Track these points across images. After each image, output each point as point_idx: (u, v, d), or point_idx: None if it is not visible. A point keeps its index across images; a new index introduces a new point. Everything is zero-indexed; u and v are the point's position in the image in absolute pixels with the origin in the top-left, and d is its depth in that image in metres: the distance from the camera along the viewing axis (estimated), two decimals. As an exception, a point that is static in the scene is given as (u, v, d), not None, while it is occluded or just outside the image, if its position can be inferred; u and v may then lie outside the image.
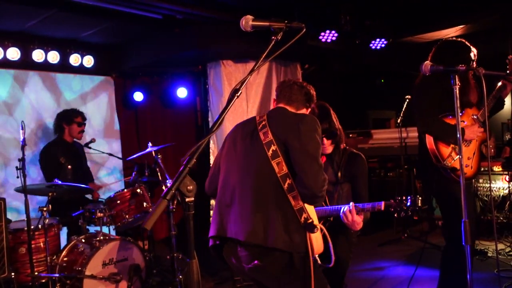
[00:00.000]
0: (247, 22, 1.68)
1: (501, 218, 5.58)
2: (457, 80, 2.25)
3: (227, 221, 2.23)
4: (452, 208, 3.10)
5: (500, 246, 5.14)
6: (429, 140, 3.07)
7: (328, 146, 2.89)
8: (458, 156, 3.01)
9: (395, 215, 2.46)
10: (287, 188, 2.16)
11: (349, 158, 2.93)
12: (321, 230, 2.26)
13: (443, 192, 3.15)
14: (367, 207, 2.57)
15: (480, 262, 4.75)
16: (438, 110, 3.04)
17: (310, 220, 2.15)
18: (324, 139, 2.84)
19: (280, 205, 2.16)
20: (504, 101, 3.27)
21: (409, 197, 2.47)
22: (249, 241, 2.12)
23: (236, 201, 2.23)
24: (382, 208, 2.50)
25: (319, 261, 2.39)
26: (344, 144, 2.99)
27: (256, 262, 2.15)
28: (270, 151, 2.20)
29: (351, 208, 2.52)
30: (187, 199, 1.35)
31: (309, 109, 2.57)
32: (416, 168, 4.21)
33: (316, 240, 2.23)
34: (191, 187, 1.35)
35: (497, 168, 5.74)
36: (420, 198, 2.42)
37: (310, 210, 2.23)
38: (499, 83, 3.16)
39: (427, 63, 2.39)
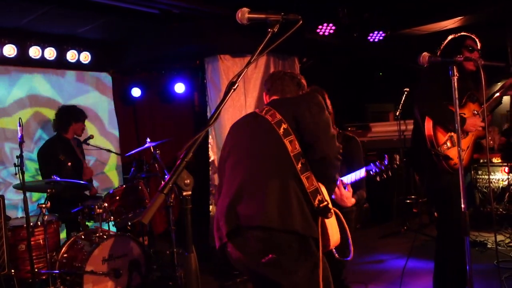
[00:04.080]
0: (243, 14, 1.67)
1: (501, 210, 5.58)
2: (455, 70, 2.25)
3: (236, 213, 2.05)
4: (443, 199, 3.13)
5: (500, 237, 5.15)
6: (428, 124, 3.07)
7: None
8: (453, 145, 3.02)
9: (377, 178, 2.39)
10: (300, 169, 2.04)
11: (344, 141, 2.89)
12: (337, 215, 2.12)
13: (434, 182, 3.17)
14: (349, 177, 2.53)
15: (479, 254, 4.76)
16: (443, 97, 3.03)
17: (325, 203, 2.02)
18: None
19: (293, 188, 2.02)
20: (502, 98, 3.29)
21: (385, 156, 2.44)
22: (263, 225, 1.97)
23: (246, 190, 2.07)
24: (364, 174, 2.45)
25: (336, 255, 2.27)
26: (337, 128, 2.97)
27: (270, 256, 1.98)
28: (282, 129, 2.08)
29: (338, 182, 2.43)
30: (184, 193, 1.34)
31: None
32: (408, 156, 4.20)
33: (332, 229, 2.09)
34: (188, 181, 1.34)
35: (496, 160, 5.74)
36: (397, 156, 2.39)
37: (325, 192, 2.11)
38: (506, 82, 3.19)
39: (425, 54, 2.39)
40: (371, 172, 2.42)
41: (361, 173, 2.46)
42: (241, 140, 2.28)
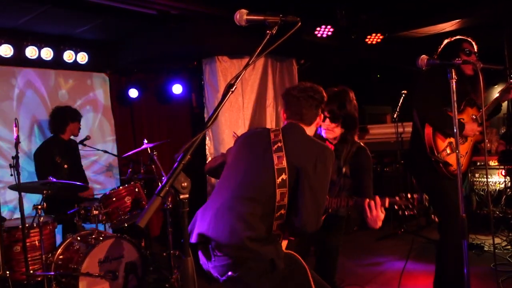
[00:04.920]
0: (242, 16, 1.66)
1: (497, 213, 5.59)
2: (453, 74, 2.25)
3: (205, 235, 2.18)
4: (442, 203, 3.13)
5: (497, 240, 5.15)
6: (428, 130, 3.07)
7: (332, 129, 2.72)
8: (452, 151, 3.03)
9: (400, 213, 2.34)
10: (277, 216, 2.13)
11: (357, 152, 2.79)
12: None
13: (432, 186, 3.17)
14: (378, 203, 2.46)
15: (476, 257, 4.76)
16: (442, 103, 3.03)
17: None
18: (328, 120, 2.67)
19: (263, 227, 2.12)
20: (501, 105, 3.32)
21: (415, 195, 2.37)
22: (229, 243, 2.08)
23: (222, 214, 2.16)
24: (386, 204, 2.36)
25: None
26: (356, 138, 2.85)
27: (230, 273, 2.09)
28: (280, 179, 2.13)
29: (376, 201, 2.35)
30: (181, 196, 1.32)
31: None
32: (406, 159, 4.17)
33: None
34: (185, 183, 1.33)
35: (493, 163, 5.75)
36: (426, 196, 2.34)
37: (284, 244, 2.27)
38: (503, 87, 3.21)
39: (424, 56, 2.39)
40: (395, 206, 2.36)
41: (384, 203, 2.36)
42: (241, 162, 2.31)
